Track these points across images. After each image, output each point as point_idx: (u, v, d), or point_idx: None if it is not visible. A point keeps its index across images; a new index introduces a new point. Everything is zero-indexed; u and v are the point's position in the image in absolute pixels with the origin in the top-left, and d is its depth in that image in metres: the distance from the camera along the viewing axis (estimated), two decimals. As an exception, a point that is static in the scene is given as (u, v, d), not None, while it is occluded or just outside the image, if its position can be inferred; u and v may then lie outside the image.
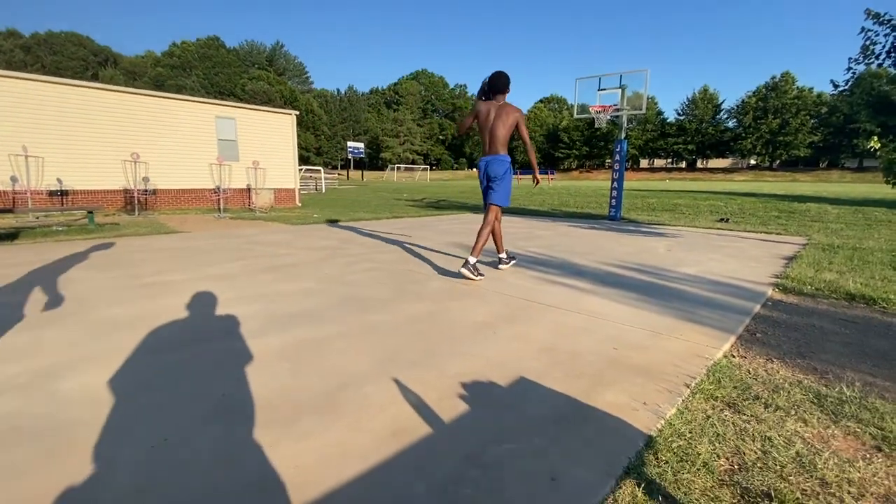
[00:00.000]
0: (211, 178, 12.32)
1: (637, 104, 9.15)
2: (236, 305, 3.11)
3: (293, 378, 2.02)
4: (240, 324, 2.73)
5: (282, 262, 4.63)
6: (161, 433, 1.58)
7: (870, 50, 5.69)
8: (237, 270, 4.24)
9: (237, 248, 5.52)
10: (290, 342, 2.45)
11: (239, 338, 2.50)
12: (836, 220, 9.13)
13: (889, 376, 2.18)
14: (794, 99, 54.48)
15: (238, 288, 3.59)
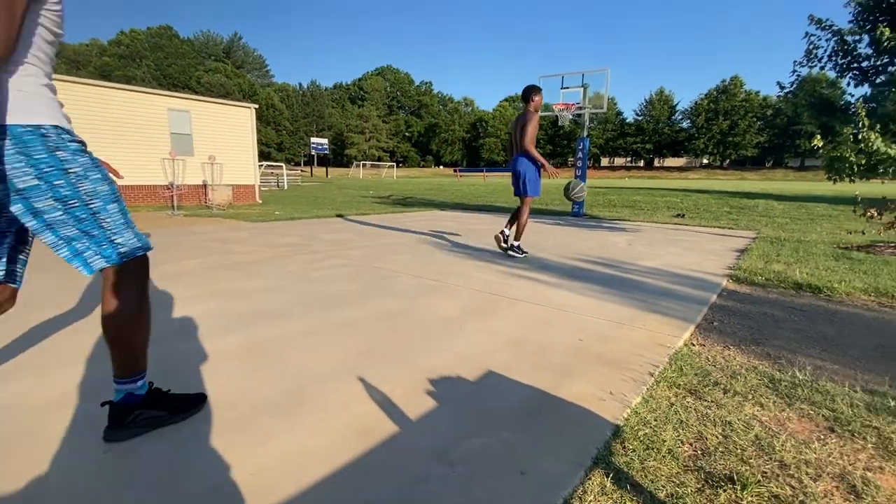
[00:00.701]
0: (164, 174, 11.69)
1: (598, 103, 9.37)
2: (192, 304, 2.93)
3: (253, 378, 1.92)
4: (196, 323, 2.58)
5: (241, 260, 4.42)
6: (104, 444, 1.44)
7: (813, 53, 6.09)
8: (193, 268, 4.01)
9: (192, 246, 5.24)
10: (250, 341, 2.32)
11: (195, 338, 2.35)
12: (782, 214, 9.70)
13: (837, 360, 2.30)
14: (742, 102, 57.65)
15: (194, 286, 3.40)
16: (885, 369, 2.20)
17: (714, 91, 60.06)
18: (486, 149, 76.72)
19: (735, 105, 57.68)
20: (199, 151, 12.37)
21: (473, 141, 79.89)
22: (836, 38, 5.89)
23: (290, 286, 3.43)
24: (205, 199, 12.38)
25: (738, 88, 58.45)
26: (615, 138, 66.67)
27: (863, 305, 3.29)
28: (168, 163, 11.59)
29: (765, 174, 55.31)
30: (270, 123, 67.28)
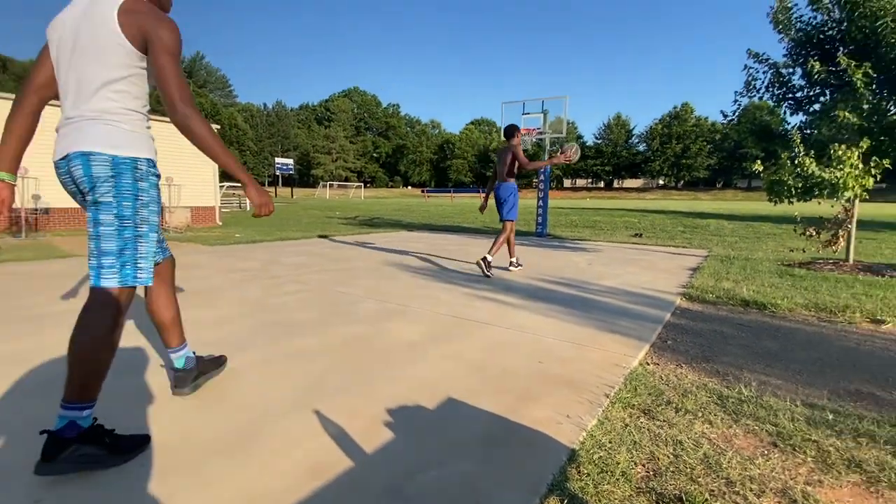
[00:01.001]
0: (117, 196, 11.16)
1: (558, 128, 9.74)
2: (138, 337, 2.78)
3: (199, 417, 1.82)
4: (141, 358, 2.44)
5: (195, 287, 4.25)
6: (34, 492, 1.32)
7: (752, 85, 6.60)
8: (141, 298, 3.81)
9: (144, 273, 4.99)
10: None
11: (138, 374, 2.22)
12: (732, 234, 10.26)
13: (780, 375, 2.42)
14: (692, 126, 61.37)
15: (144, 315, 3.22)
16: (824, 382, 2.34)
17: (667, 116, 63.75)
18: (453, 170, 77.83)
19: (686, 130, 61.34)
20: (156, 172, 11.92)
21: (441, 162, 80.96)
22: (772, 70, 6.43)
23: (248, 314, 3.32)
24: (161, 222, 11.87)
25: (689, 114, 62.30)
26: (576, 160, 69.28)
27: (804, 320, 3.50)
28: (122, 184, 11.09)
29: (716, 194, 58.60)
30: (234, 143, 65.95)
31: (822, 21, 5.84)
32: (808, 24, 5.93)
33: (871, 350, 2.83)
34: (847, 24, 5.47)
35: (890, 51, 5.17)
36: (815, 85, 5.96)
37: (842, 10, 5.56)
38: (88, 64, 1.44)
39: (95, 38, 1.43)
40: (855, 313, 3.55)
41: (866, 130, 5.26)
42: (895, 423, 1.87)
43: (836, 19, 5.69)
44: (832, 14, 5.71)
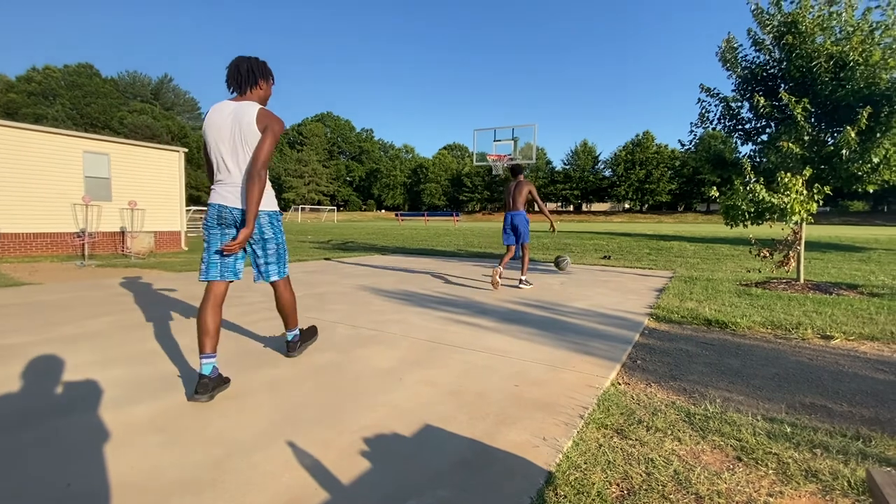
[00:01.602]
0: (74, 220, 10.70)
1: (528, 154, 10.06)
2: (98, 370, 2.64)
3: (166, 453, 1.74)
4: (101, 392, 2.32)
5: (159, 316, 4.09)
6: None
7: (705, 116, 7.08)
8: (101, 328, 3.64)
9: (102, 302, 4.77)
10: (164, 410, 2.12)
11: (100, 410, 2.11)
12: (693, 255, 10.72)
13: (742, 391, 2.53)
14: (654, 153, 64.44)
15: (101, 349, 3.07)
16: (782, 397, 2.46)
17: (630, 144, 66.79)
18: (426, 193, 78.46)
19: (648, 156, 64.34)
20: (119, 196, 11.52)
21: (415, 186, 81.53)
22: (722, 104, 6.92)
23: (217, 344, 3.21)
24: (122, 248, 11.42)
25: (650, 142, 65.51)
26: (546, 185, 71.18)
27: (762, 338, 3.68)
28: (80, 208, 10.65)
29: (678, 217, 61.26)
30: (202, 167, 64.49)
31: (765, 60, 6.38)
32: (752, 63, 6.47)
33: (822, 364, 3.00)
34: (786, 63, 6.00)
35: (824, 88, 5.69)
36: (762, 117, 6.46)
37: (781, 51, 6.11)
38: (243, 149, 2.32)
39: (243, 134, 2.30)
40: (807, 330, 3.77)
41: (808, 160, 5.72)
42: (846, 434, 1.98)
43: (776, 59, 6.24)
44: (773, 54, 6.27)
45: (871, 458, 1.79)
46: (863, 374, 2.84)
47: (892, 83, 5.52)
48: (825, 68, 5.75)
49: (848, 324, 3.98)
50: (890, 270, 7.85)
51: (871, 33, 5.71)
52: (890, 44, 5.54)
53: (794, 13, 5.91)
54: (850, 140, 5.33)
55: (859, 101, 5.63)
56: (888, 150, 5.51)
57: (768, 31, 6.25)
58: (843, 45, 5.62)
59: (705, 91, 7.21)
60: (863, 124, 5.33)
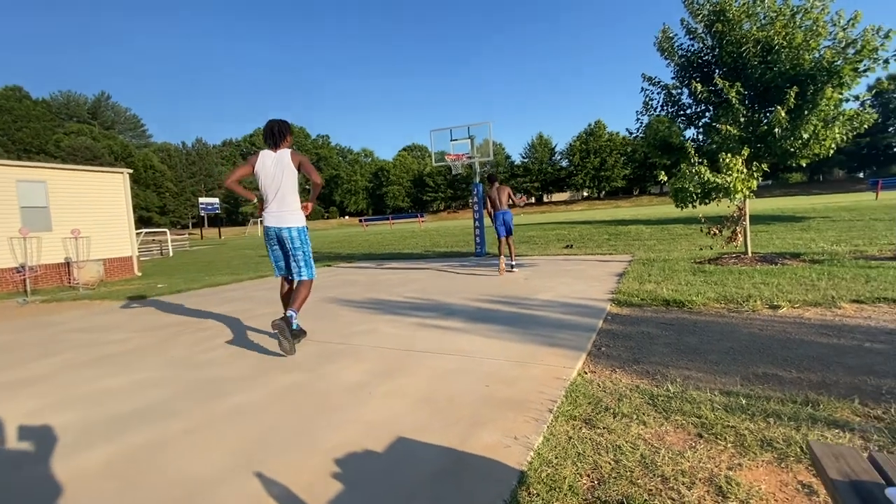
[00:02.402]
0: (12, 255, 9.95)
1: (486, 151, 10.15)
2: (46, 416, 2.46)
3: (122, 500, 1.64)
4: (49, 440, 2.16)
5: (111, 351, 3.86)
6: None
7: (649, 104, 7.37)
8: (47, 370, 3.40)
9: (48, 341, 4.46)
10: (119, 453, 2.00)
11: (49, 459, 1.97)
12: (650, 237, 11.14)
13: (700, 367, 2.65)
14: (606, 142, 66.50)
15: (47, 393, 2.87)
16: (736, 370, 2.59)
17: (583, 134, 68.66)
18: (390, 196, 77.81)
19: (602, 145, 66.35)
20: (60, 226, 10.79)
21: (377, 189, 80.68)
22: (664, 91, 7.21)
23: (173, 376, 3.06)
24: (69, 279, 10.72)
25: (602, 131, 67.56)
26: (507, 179, 72.09)
27: (717, 313, 3.87)
28: (18, 242, 9.92)
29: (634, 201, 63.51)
30: (150, 186, 61.51)
31: (699, 48, 6.71)
32: (688, 51, 6.79)
33: (771, 334, 3.18)
34: (718, 50, 6.34)
35: (754, 72, 6.05)
36: (700, 103, 6.79)
37: (713, 38, 6.44)
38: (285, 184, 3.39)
39: (284, 170, 3.36)
40: (756, 301, 3.99)
41: (745, 140, 6.06)
42: (796, 400, 2.11)
43: (709, 46, 6.58)
44: (706, 42, 6.60)
45: (820, 421, 1.91)
46: (809, 339, 3.03)
47: (815, 63, 5.92)
48: (753, 53, 6.11)
49: (793, 292, 4.24)
50: (828, 237, 8.44)
51: (793, 17, 6.10)
52: (810, 26, 5.94)
53: (722, 2, 6.25)
54: (780, 119, 5.68)
55: (786, 81, 6.00)
56: (816, 125, 5.90)
57: (700, 19, 6.58)
58: (768, 30, 5.98)
59: (647, 80, 7.49)
60: (791, 103, 5.70)
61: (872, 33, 5.62)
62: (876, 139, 52.12)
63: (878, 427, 1.84)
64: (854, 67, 5.78)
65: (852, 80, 5.85)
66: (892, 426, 1.84)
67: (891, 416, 1.92)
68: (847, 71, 5.74)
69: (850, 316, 3.52)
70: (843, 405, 2.03)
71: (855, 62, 5.75)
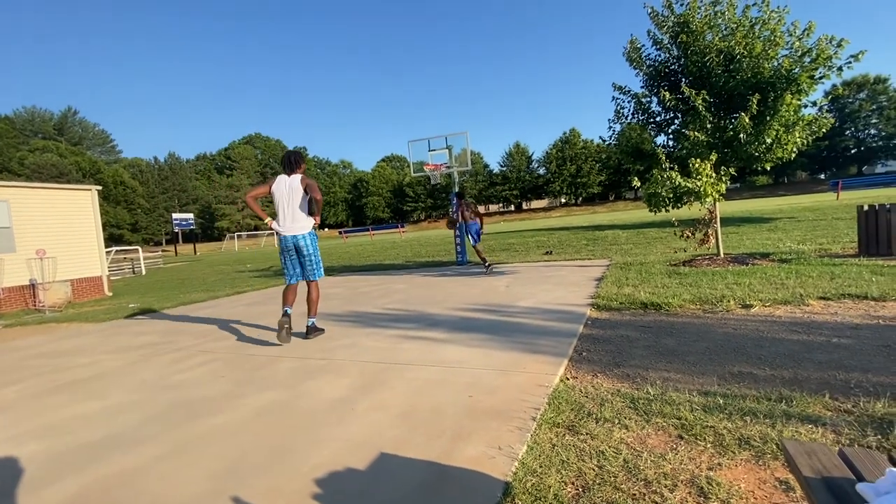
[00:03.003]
0: (-31, 279, 9.47)
1: (464, 161, 10.23)
2: (10, 448, 2.33)
3: (89, 536, 1.56)
4: (16, 473, 2.04)
5: (79, 376, 3.69)
6: None
7: (620, 113, 7.57)
8: (11, 399, 3.22)
9: (11, 368, 4.24)
10: (89, 484, 1.91)
11: (12, 495, 1.85)
12: (626, 241, 11.36)
13: (678, 369, 2.69)
14: (581, 149, 67.94)
15: (12, 423, 2.72)
16: (713, 369, 2.64)
17: (559, 142, 70.01)
18: (369, 207, 77.45)
19: (577, 152, 67.75)
20: (24, 246, 10.35)
21: (356, 201, 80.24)
22: (634, 100, 7.43)
23: (145, 400, 2.94)
24: (34, 302, 10.26)
25: (577, 138, 69.04)
26: (486, 188, 72.85)
27: (692, 314, 3.95)
28: (-25, 265, 9.45)
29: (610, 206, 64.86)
30: (121, 203, 59.73)
31: (666, 58, 6.97)
32: (655, 61, 7.03)
33: (745, 333, 3.27)
34: (684, 59, 6.59)
35: (718, 80, 6.30)
36: (669, 110, 7.02)
37: (678, 48, 6.70)
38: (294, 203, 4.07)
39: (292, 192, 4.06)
40: (730, 302, 4.10)
41: (713, 145, 6.28)
42: (770, 398, 2.16)
43: (675, 56, 6.83)
44: (672, 52, 6.85)
45: (794, 417, 1.96)
46: (780, 337, 3.12)
47: (774, 71, 6.19)
48: (717, 62, 6.37)
49: (764, 291, 4.37)
50: (794, 236, 8.77)
51: (752, 28, 6.39)
52: (768, 36, 6.22)
53: (685, 14, 6.51)
54: (745, 125, 5.93)
55: (749, 89, 6.27)
56: (777, 130, 6.17)
57: (665, 31, 6.84)
58: (730, 41, 6.26)
59: (618, 89, 7.71)
60: (754, 110, 5.95)
61: (826, 42, 5.94)
62: (834, 142, 54.77)
63: (849, 420, 1.90)
64: (810, 75, 6.08)
65: (809, 86, 6.14)
66: (861, 419, 1.90)
67: (860, 410, 1.99)
68: (804, 78, 6.04)
69: (818, 312, 3.65)
70: (814, 400, 2.10)
71: (811, 70, 6.05)
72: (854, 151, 57.32)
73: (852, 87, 53.30)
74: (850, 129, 55.82)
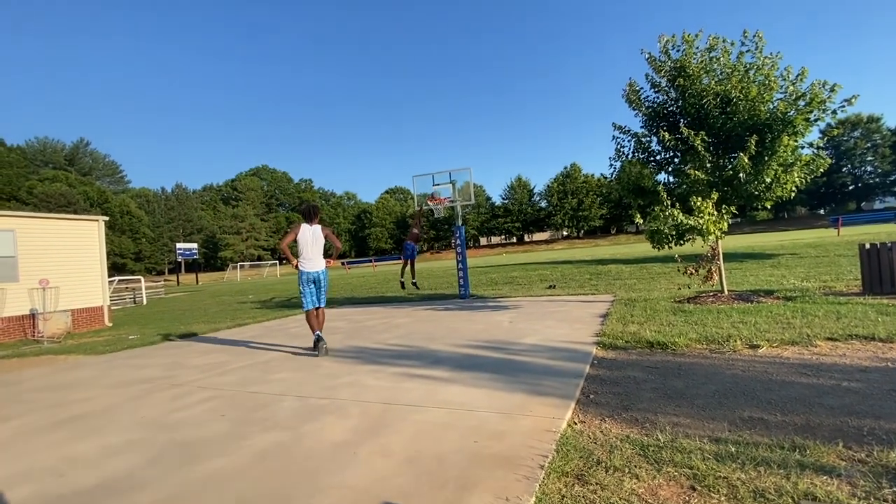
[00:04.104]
0: (-29, 308, 9.46)
1: (466, 195, 10.38)
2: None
3: (81, 591, 1.50)
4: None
5: (76, 412, 3.63)
6: None
7: (621, 151, 7.73)
8: (4, 436, 3.16)
9: (5, 402, 4.17)
10: (80, 533, 1.85)
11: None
12: (630, 276, 11.34)
13: (688, 413, 2.64)
14: (582, 183, 68.97)
15: (4, 463, 2.66)
16: (723, 414, 2.59)
17: (560, 175, 71.18)
18: (372, 238, 77.97)
19: (578, 186, 68.77)
20: (27, 275, 10.39)
21: (360, 231, 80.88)
22: (633, 139, 7.61)
23: (144, 439, 2.88)
24: (34, 332, 10.20)
25: (578, 173, 70.23)
26: (489, 220, 73.57)
27: (699, 354, 3.91)
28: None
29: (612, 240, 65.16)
30: (126, 232, 60.29)
31: (664, 100, 7.17)
32: (654, 103, 7.24)
33: (753, 375, 3.22)
34: (682, 101, 6.79)
35: (716, 122, 6.46)
36: (668, 150, 7.16)
37: (676, 91, 6.91)
38: (318, 246, 5.37)
39: (316, 238, 5.34)
40: (737, 342, 4.05)
41: (713, 184, 6.38)
42: (783, 446, 2.11)
43: (673, 98, 7.04)
44: (670, 94, 7.07)
45: (808, 468, 1.91)
46: (789, 380, 3.07)
47: (771, 114, 6.36)
48: (714, 104, 6.55)
49: (771, 331, 4.33)
50: (797, 273, 8.75)
51: (747, 73, 6.61)
52: (763, 80, 6.43)
53: (682, 59, 6.75)
54: (744, 165, 6.03)
55: (746, 130, 6.41)
56: (776, 170, 6.27)
57: (662, 74, 7.07)
58: (726, 84, 6.45)
59: (618, 129, 7.90)
60: (752, 150, 6.06)
61: (819, 87, 6.13)
62: (832, 179, 55.53)
63: (863, 471, 1.85)
64: (805, 118, 6.23)
65: (805, 128, 6.29)
66: (875, 470, 1.85)
67: (874, 459, 1.94)
68: (800, 121, 6.19)
69: (826, 354, 3.60)
70: (828, 449, 2.04)
71: (806, 113, 6.21)
72: (852, 188, 58.04)
73: (846, 125, 54.58)
74: (846, 167, 56.71)
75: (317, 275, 5.34)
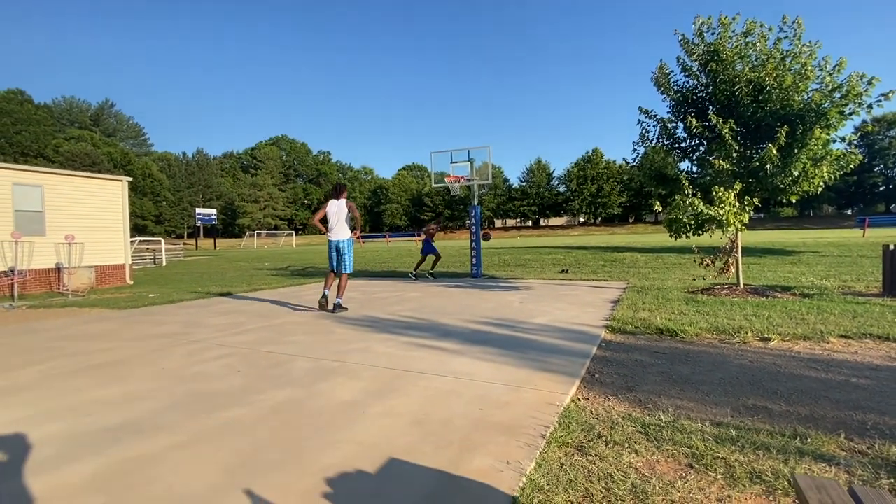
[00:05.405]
0: (2, 259, 9.86)
1: (484, 174, 10.31)
2: (30, 427, 2.43)
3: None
4: (32, 452, 2.13)
5: (100, 361, 3.82)
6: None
7: (645, 136, 7.56)
8: (32, 379, 3.35)
9: (34, 348, 4.40)
10: (105, 466, 1.98)
11: (32, 473, 1.94)
12: (644, 265, 11.24)
13: (692, 398, 2.67)
14: (603, 169, 67.64)
15: (32, 403, 2.83)
16: (727, 400, 2.61)
17: (581, 160, 69.86)
18: (387, 214, 78.18)
19: (598, 172, 67.48)
20: (54, 230, 10.75)
21: (375, 207, 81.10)
22: (659, 124, 7.42)
23: (164, 388, 3.03)
24: (59, 285, 10.61)
25: (600, 158, 68.81)
26: (505, 202, 72.94)
27: (708, 343, 3.90)
28: (9, 245, 9.85)
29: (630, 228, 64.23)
30: (148, 194, 61.44)
31: (694, 85, 6.95)
32: (683, 87, 7.02)
33: (762, 366, 3.22)
34: (712, 87, 6.56)
35: (746, 110, 6.25)
36: (695, 137, 6.97)
37: (707, 76, 6.68)
38: (341, 218, 6.04)
39: (340, 211, 6.04)
40: (748, 333, 4.03)
41: (737, 174, 6.22)
42: (785, 434, 2.13)
43: (703, 83, 6.81)
44: (700, 79, 6.84)
45: (807, 455, 1.93)
46: (798, 373, 3.07)
47: (804, 104, 6.13)
48: (746, 92, 6.32)
49: (783, 325, 4.29)
50: (817, 271, 8.57)
51: (783, 60, 6.34)
52: (799, 69, 6.17)
53: (716, 43, 6.50)
54: (772, 156, 5.85)
55: (777, 120, 6.19)
56: (805, 163, 6.07)
57: (695, 58, 6.82)
58: (760, 72, 6.20)
59: (644, 113, 7.70)
60: (782, 141, 5.87)
61: (857, 79, 5.86)
62: (863, 178, 53.44)
63: (863, 462, 1.86)
64: (840, 110, 5.99)
65: (839, 122, 6.05)
66: (875, 461, 1.87)
67: (874, 452, 1.95)
68: (834, 113, 5.95)
69: (838, 351, 3.57)
70: (829, 439, 2.06)
71: (841, 105, 5.96)
72: (882, 189, 55.85)
73: (882, 123, 52.14)
74: (879, 166, 54.45)
75: (338, 243, 6.02)
